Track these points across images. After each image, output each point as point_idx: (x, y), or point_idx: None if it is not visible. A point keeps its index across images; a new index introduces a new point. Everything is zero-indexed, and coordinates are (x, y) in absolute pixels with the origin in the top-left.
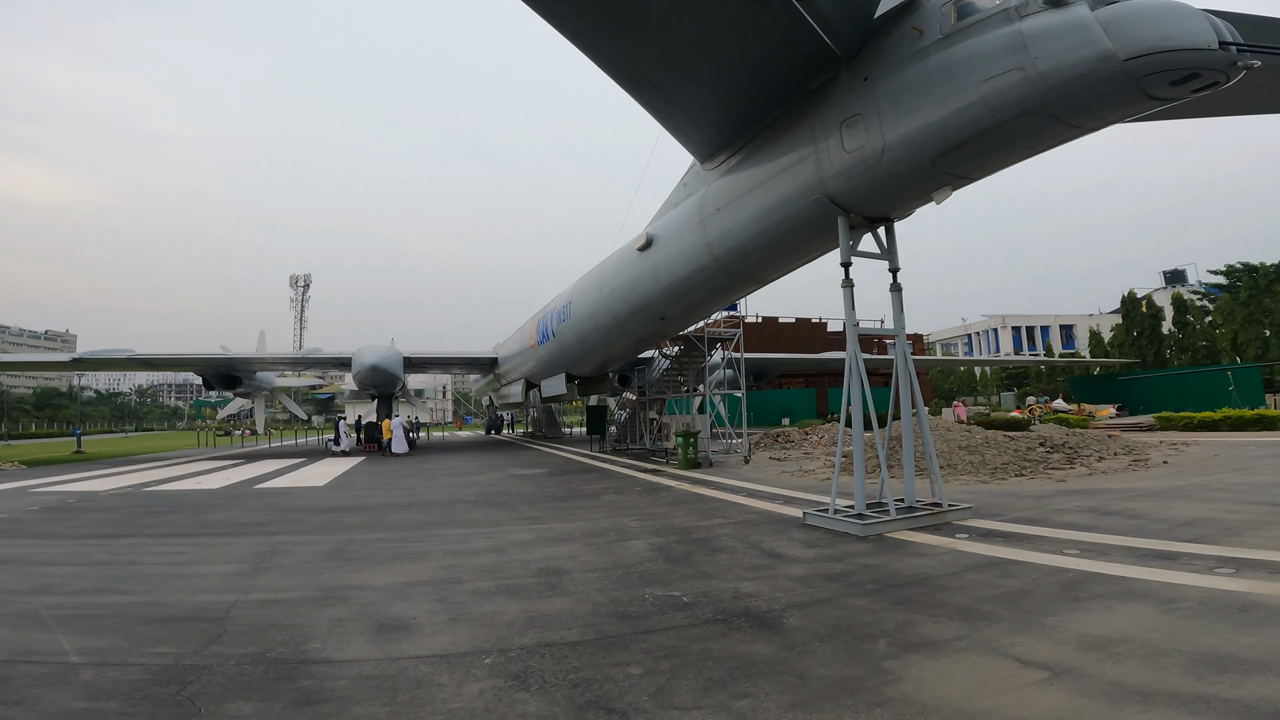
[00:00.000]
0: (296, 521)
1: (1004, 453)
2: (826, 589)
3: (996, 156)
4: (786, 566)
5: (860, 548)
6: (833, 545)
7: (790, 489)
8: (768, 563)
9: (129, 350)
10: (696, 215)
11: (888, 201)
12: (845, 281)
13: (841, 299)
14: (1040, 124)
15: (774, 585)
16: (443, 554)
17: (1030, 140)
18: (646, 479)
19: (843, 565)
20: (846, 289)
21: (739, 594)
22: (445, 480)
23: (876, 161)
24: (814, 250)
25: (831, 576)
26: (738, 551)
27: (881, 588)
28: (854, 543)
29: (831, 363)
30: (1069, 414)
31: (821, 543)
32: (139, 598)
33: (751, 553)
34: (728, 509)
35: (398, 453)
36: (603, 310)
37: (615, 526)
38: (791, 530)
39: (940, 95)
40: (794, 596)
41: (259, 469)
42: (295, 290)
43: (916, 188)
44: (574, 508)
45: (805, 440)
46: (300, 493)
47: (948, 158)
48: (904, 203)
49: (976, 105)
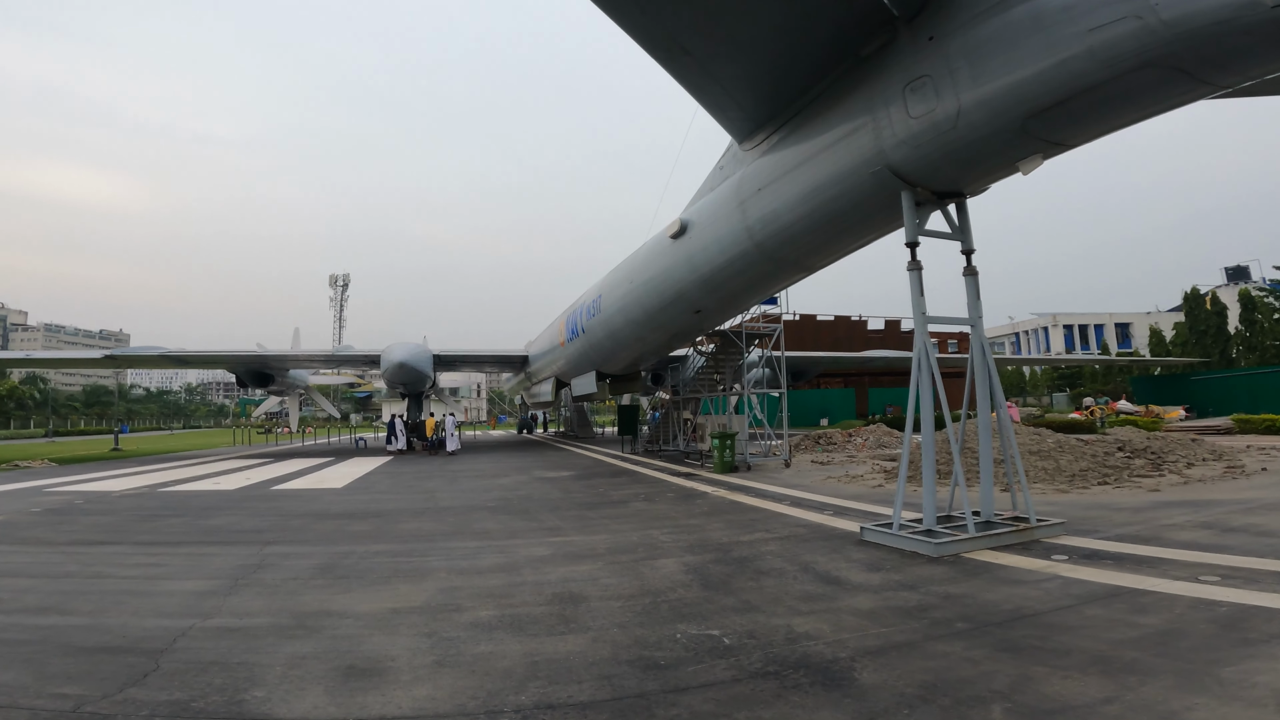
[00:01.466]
0: (298, 529)
1: (1080, 458)
2: (905, 628)
3: (1104, 117)
4: (849, 596)
5: (936, 572)
6: (901, 569)
7: (839, 497)
8: (825, 591)
9: (161, 348)
10: (735, 197)
11: (962, 172)
12: (912, 264)
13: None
14: (1162, 79)
15: (836, 622)
16: (446, 572)
17: (1149, 98)
18: (680, 484)
19: (919, 595)
20: (913, 272)
21: (793, 634)
22: (467, 483)
23: (950, 127)
24: (870, 231)
25: (908, 611)
26: (787, 575)
27: (977, 627)
28: (926, 565)
29: (873, 362)
30: (1136, 416)
31: (887, 565)
32: (80, 620)
33: (804, 577)
34: (771, 521)
35: (451, 451)
36: (634, 304)
37: (644, 541)
38: (848, 549)
39: (1031, 50)
40: (864, 639)
41: (283, 469)
42: (334, 289)
43: (999, 156)
44: (600, 517)
45: (849, 442)
46: (315, 495)
47: (1041, 120)
48: (982, 174)
49: (1080, 59)
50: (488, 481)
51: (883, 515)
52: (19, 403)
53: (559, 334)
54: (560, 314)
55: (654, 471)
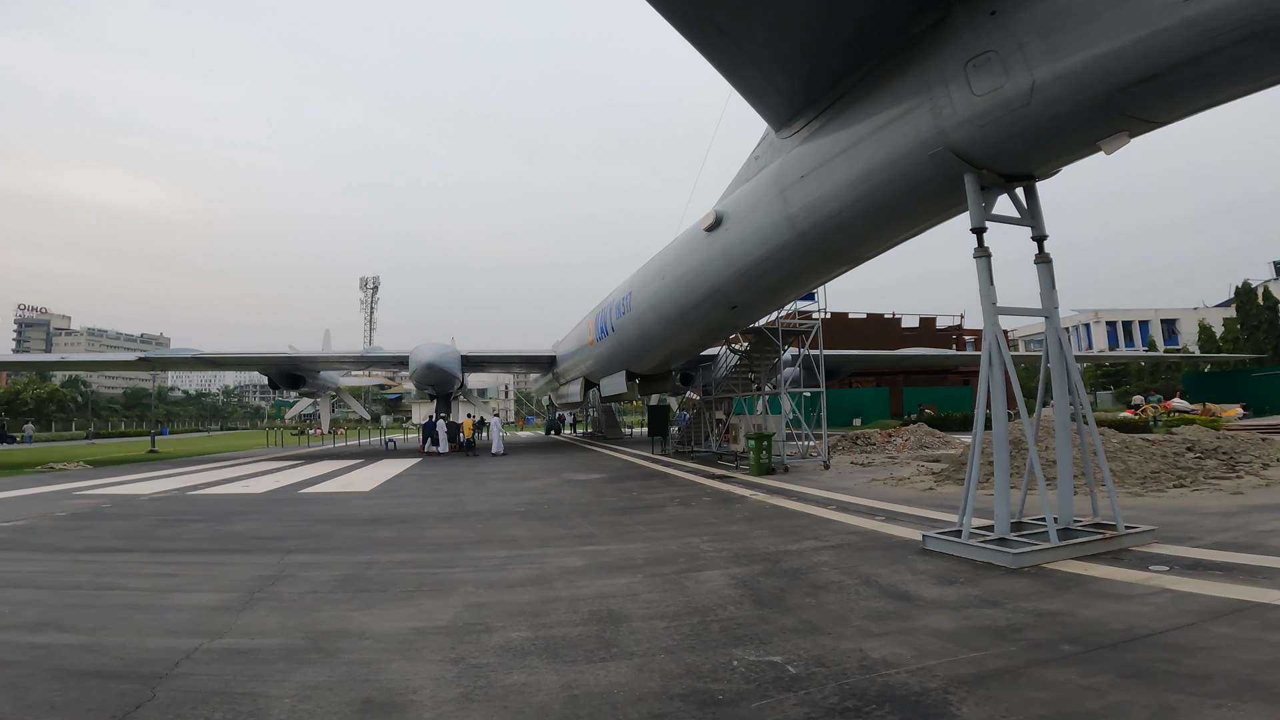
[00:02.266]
0: (321, 536)
1: (1150, 459)
2: (1000, 652)
3: (1203, 93)
4: (924, 614)
5: (1019, 586)
6: (977, 582)
7: (888, 501)
8: (895, 608)
9: (194, 350)
10: (775, 185)
11: (1035, 153)
12: (979, 251)
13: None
14: (1272, 51)
15: (916, 645)
16: (474, 585)
17: (1256, 72)
18: (715, 487)
19: (1008, 613)
20: (980, 259)
21: (869, 660)
22: (495, 486)
23: (1023, 104)
24: (924, 218)
25: (998, 631)
26: (848, 590)
27: (1087, 650)
28: (1006, 578)
29: (909, 360)
30: (1191, 414)
31: (960, 578)
32: (78, 638)
33: (868, 592)
34: (818, 527)
35: (496, 453)
36: (665, 300)
37: (684, 550)
38: (910, 559)
39: (1117, 21)
40: (954, 665)
41: (313, 471)
42: (365, 292)
43: (1080, 134)
44: (634, 523)
45: (889, 443)
46: (342, 499)
47: (1130, 95)
48: (1058, 154)
49: (1176, 30)
50: (516, 485)
51: (941, 521)
52: (61, 405)
53: (587, 333)
54: (589, 312)
55: (687, 474)
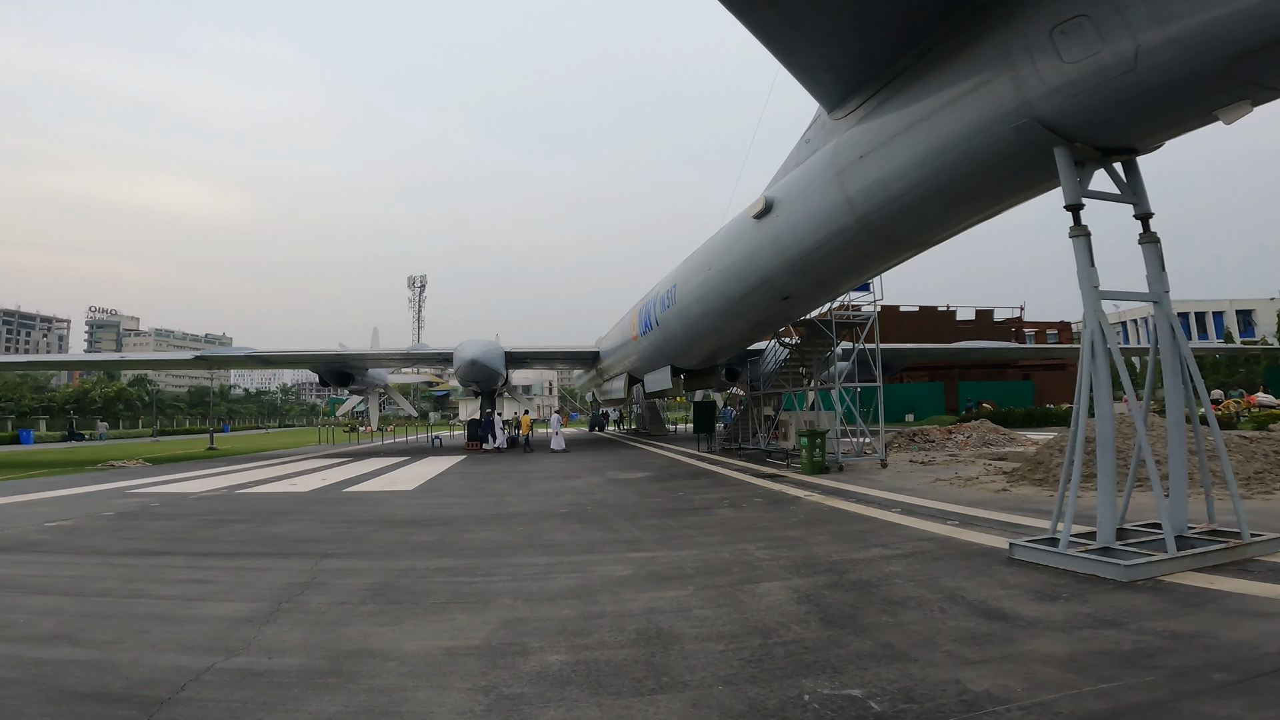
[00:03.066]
0: (359, 538)
1: (1251, 458)
2: (1135, 682)
3: None
4: (1029, 636)
5: (1137, 602)
6: (1084, 597)
7: (958, 504)
8: (992, 629)
9: (249, 349)
10: (831, 168)
11: (1139, 124)
12: (1075, 229)
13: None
14: None
15: (1027, 675)
16: (512, 597)
17: None
18: (766, 486)
19: (1133, 635)
20: (1078, 239)
21: (969, 694)
22: (539, 485)
23: (1125, 70)
24: (1002, 197)
25: (1125, 658)
26: (930, 606)
27: (1243, 679)
28: (1117, 593)
29: (967, 354)
30: (1276, 408)
31: (1063, 592)
32: (88, 653)
33: (955, 609)
34: (884, 532)
35: (555, 449)
36: (712, 292)
37: (738, 558)
38: (998, 570)
39: None
40: (1079, 699)
41: (359, 469)
42: (412, 290)
43: (1194, 103)
44: (682, 527)
45: (949, 440)
46: (384, 498)
47: (1255, 61)
48: (1166, 125)
49: None
50: (559, 484)
51: (1023, 527)
52: (128, 404)
53: (631, 328)
54: (632, 307)
55: (735, 472)
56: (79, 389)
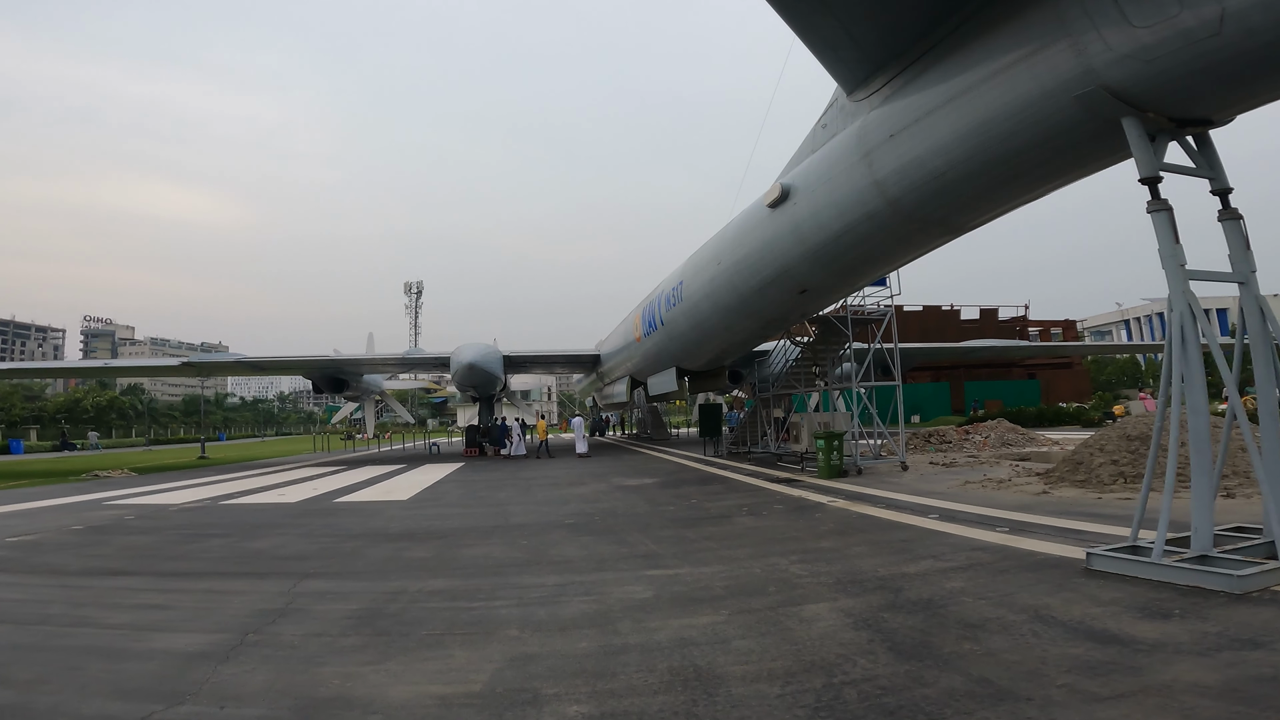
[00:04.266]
0: (347, 555)
1: None
2: None
3: None
4: (1159, 663)
5: (1267, 617)
6: (1202, 613)
7: (998, 508)
8: (1109, 655)
9: (238, 354)
10: (857, 148)
11: (1224, 92)
12: (1153, 204)
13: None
14: None
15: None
16: (518, 627)
17: None
18: (784, 492)
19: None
20: (1159, 213)
21: None
22: (542, 493)
23: (1208, 34)
24: (1054, 175)
25: None
26: (1018, 629)
27: None
28: (1236, 607)
29: (974, 352)
30: None
31: (1173, 609)
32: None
33: (1049, 632)
34: (929, 542)
35: (580, 453)
36: (723, 287)
37: (772, 574)
38: (1079, 583)
39: None
40: None
41: (353, 477)
42: (409, 297)
43: None
44: (702, 538)
45: (966, 440)
46: (377, 509)
47: None
48: (1259, 93)
49: None
50: (564, 491)
51: (1085, 533)
52: (120, 413)
53: (634, 329)
54: (635, 307)
55: (747, 477)
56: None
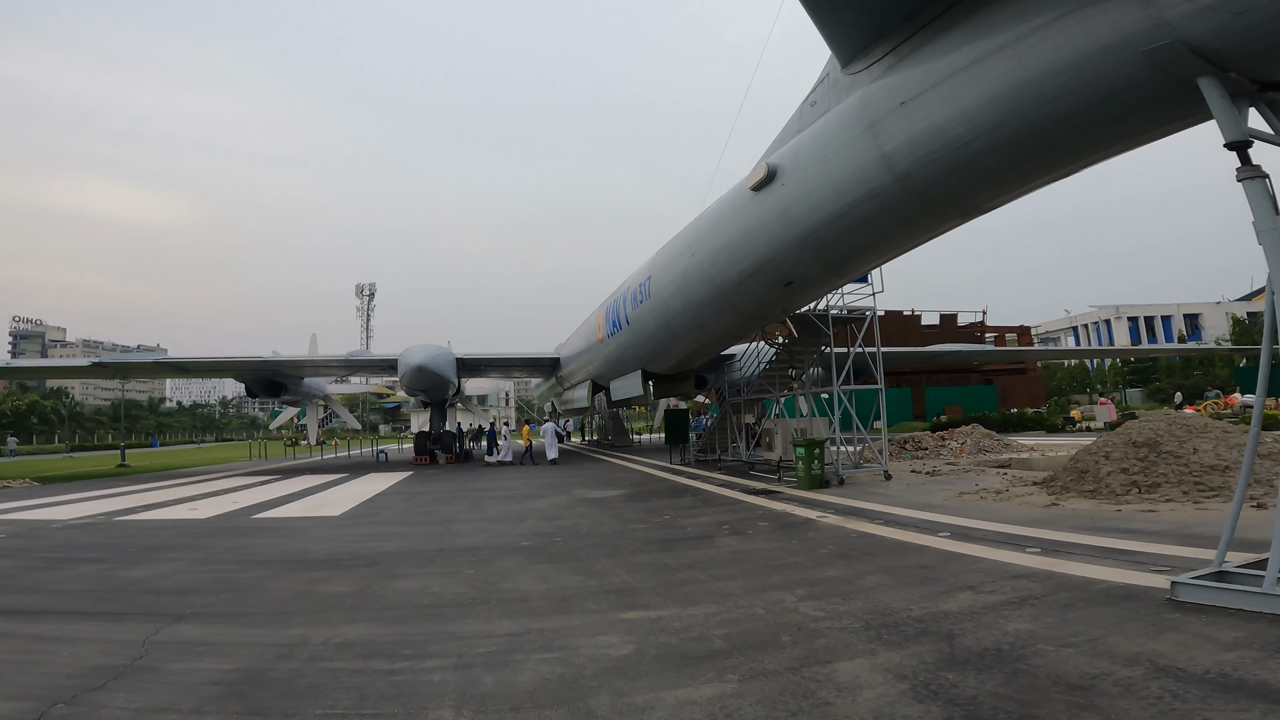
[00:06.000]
0: (244, 589)
1: None
2: None
3: None
4: None
5: None
6: None
7: (1011, 523)
8: None
9: (159, 353)
10: (859, 120)
11: None
12: (1245, 170)
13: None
14: None
15: None
16: (455, 702)
17: None
18: (766, 506)
19: None
20: (1251, 181)
21: None
22: (496, 508)
23: None
24: (1103, 144)
25: None
26: (1146, 692)
27: None
28: None
29: (936, 358)
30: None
31: None
32: None
33: (1195, 693)
34: (955, 567)
35: (552, 459)
36: (698, 280)
37: (780, 615)
38: (1177, 619)
39: None
40: None
41: (285, 488)
42: (361, 299)
43: None
44: (684, 565)
45: (943, 447)
46: (300, 528)
47: None
48: None
49: None
50: (520, 505)
51: (1132, 552)
52: (42, 417)
53: (596, 330)
54: (598, 307)
55: (721, 488)
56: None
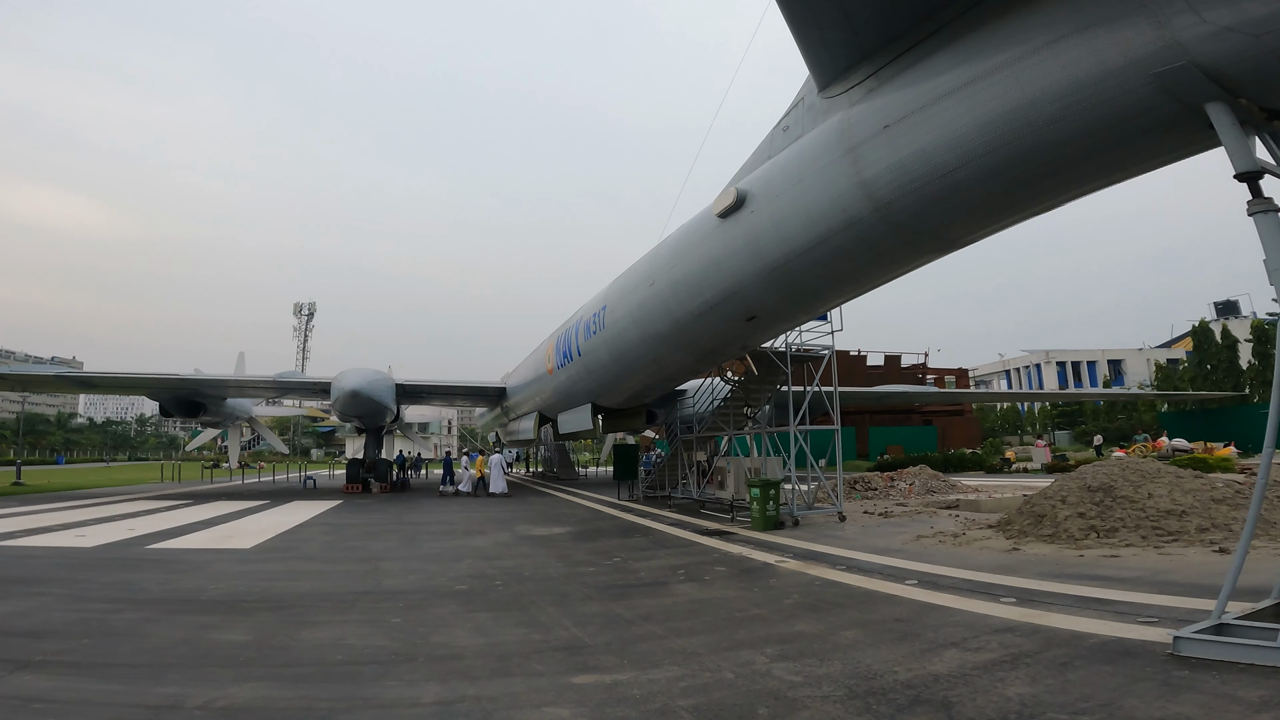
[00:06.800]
0: (117, 633)
1: None
2: None
3: None
4: None
5: None
6: None
7: (976, 569)
8: None
9: (60, 366)
10: (837, 145)
11: None
12: (1256, 203)
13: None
14: None
15: None
16: None
17: None
18: (721, 548)
19: None
20: (1262, 215)
21: None
22: (430, 545)
23: None
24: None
25: None
26: None
27: None
28: None
29: (885, 398)
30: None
31: None
32: None
33: None
34: (931, 619)
35: (494, 493)
36: (655, 312)
37: (751, 680)
38: (1189, 678)
39: None
40: None
41: (194, 514)
42: (299, 319)
43: None
44: (639, 618)
45: (891, 487)
46: (201, 562)
47: None
48: None
49: None
50: (457, 542)
51: (1111, 601)
52: None
53: (545, 360)
54: (548, 336)
55: (672, 528)
56: None
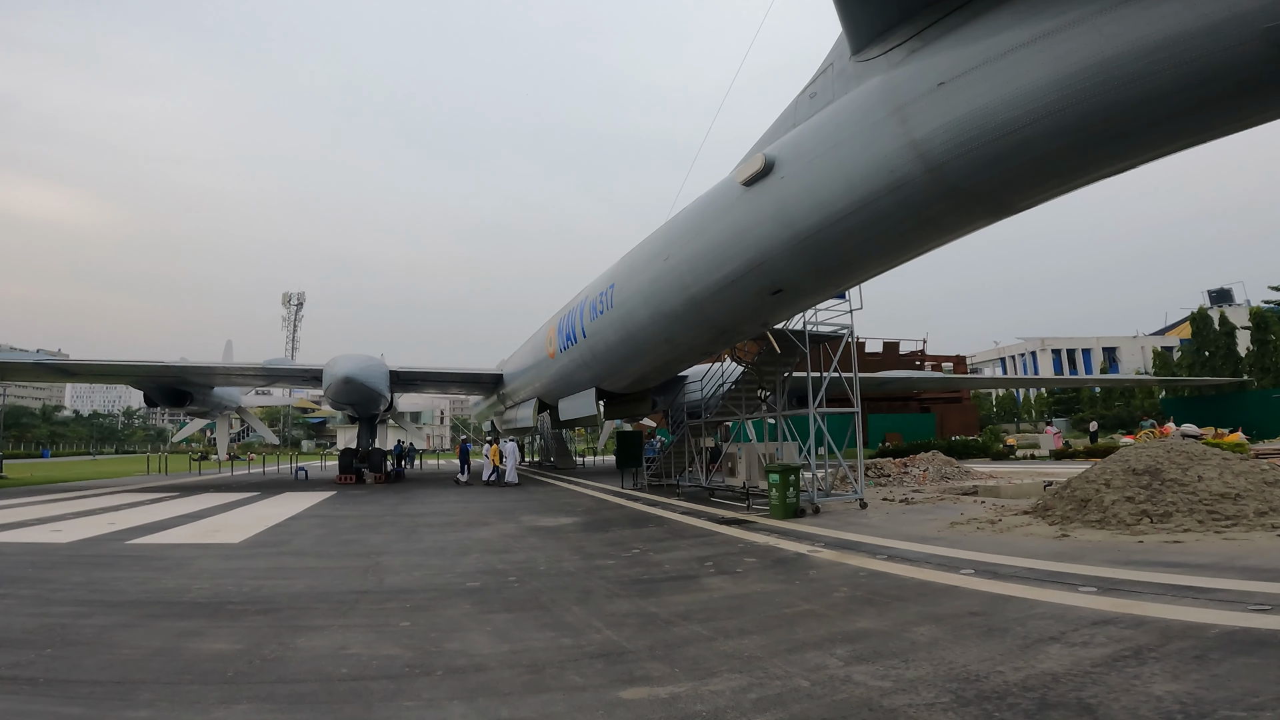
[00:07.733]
0: (83, 641)
1: None
2: None
3: None
4: None
5: None
6: None
7: (1027, 557)
8: None
9: (38, 354)
10: (883, 104)
11: None
12: None
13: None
14: None
15: None
16: None
17: None
18: (743, 538)
19: None
20: None
21: None
22: (432, 536)
23: None
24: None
25: None
26: None
27: None
28: None
29: (886, 384)
30: (1201, 439)
31: None
32: None
33: None
34: (1012, 611)
35: (508, 482)
36: (669, 288)
37: (829, 688)
38: None
39: None
40: None
41: (178, 508)
42: (288, 309)
43: None
44: (676, 615)
45: (905, 473)
46: (184, 558)
47: None
48: None
49: None
50: (461, 534)
51: (1194, 588)
52: None
53: (547, 344)
54: (549, 319)
55: (685, 516)
56: None
